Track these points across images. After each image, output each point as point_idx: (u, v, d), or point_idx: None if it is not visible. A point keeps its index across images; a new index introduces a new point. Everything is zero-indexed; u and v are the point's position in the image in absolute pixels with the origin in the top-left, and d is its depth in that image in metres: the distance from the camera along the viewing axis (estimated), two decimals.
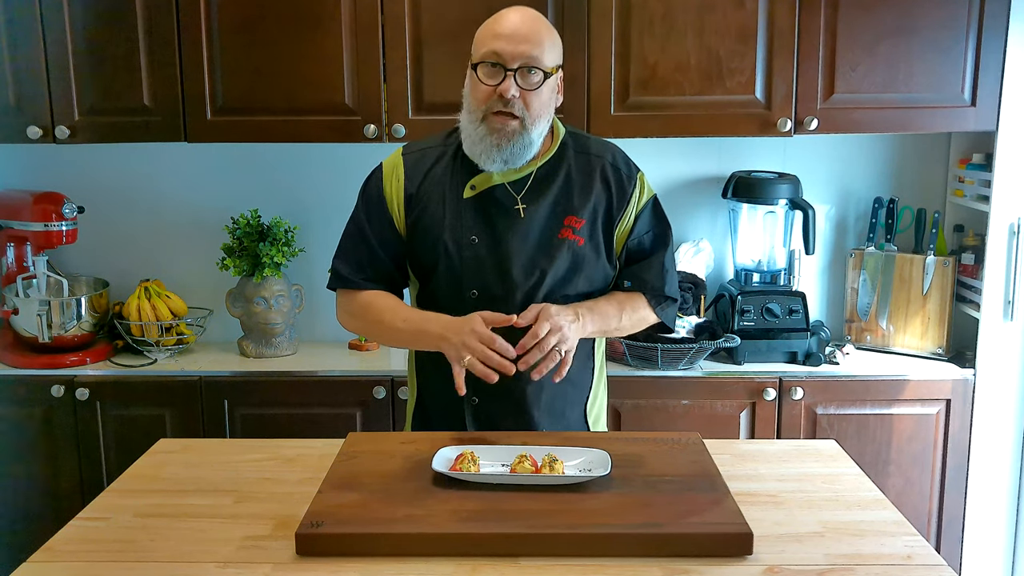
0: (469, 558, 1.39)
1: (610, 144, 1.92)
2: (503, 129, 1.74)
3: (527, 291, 1.81)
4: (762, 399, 2.62)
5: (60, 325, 2.70)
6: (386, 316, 1.85)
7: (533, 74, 1.73)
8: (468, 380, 1.79)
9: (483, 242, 1.81)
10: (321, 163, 2.92)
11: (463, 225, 1.82)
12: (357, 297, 1.90)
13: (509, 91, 1.71)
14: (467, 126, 1.79)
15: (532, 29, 1.74)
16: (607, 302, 1.86)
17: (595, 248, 1.84)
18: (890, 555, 1.43)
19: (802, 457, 1.83)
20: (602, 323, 1.83)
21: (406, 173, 1.86)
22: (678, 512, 1.47)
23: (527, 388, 1.84)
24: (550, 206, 1.82)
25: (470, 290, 1.81)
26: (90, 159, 2.93)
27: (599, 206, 1.84)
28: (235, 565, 1.40)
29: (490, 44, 1.73)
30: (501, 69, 1.72)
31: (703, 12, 2.56)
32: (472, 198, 1.82)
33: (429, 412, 1.95)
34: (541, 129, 1.78)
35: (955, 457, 2.67)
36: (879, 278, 2.85)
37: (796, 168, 2.91)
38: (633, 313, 1.88)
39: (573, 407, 1.93)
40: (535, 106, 1.75)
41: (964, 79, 2.58)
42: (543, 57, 1.74)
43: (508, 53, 1.71)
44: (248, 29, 2.59)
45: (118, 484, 1.71)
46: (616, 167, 1.87)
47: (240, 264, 2.78)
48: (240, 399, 2.66)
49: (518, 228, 1.81)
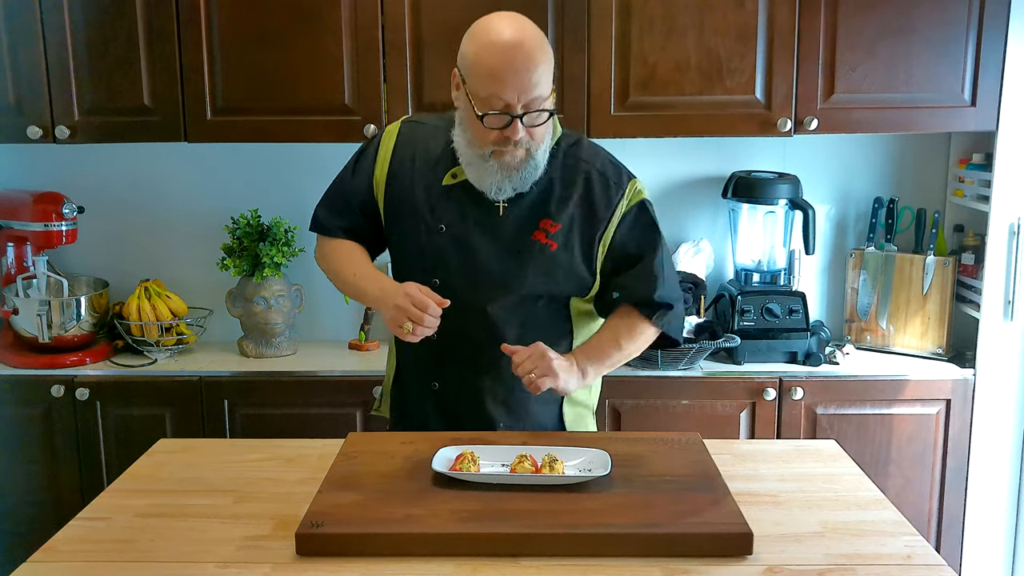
0: (469, 558, 1.39)
1: (602, 151, 1.88)
2: (512, 161, 1.72)
3: (488, 288, 1.81)
4: (762, 399, 2.62)
5: (60, 325, 2.70)
6: (343, 266, 1.90)
7: (538, 114, 1.69)
8: (431, 366, 1.86)
9: (450, 232, 1.81)
10: (321, 163, 2.90)
11: (435, 211, 1.82)
12: (330, 243, 1.95)
13: (517, 135, 1.68)
14: (470, 156, 1.75)
15: (530, 64, 1.65)
16: (601, 339, 1.85)
17: (569, 253, 1.81)
18: (890, 555, 1.43)
19: (802, 457, 1.83)
20: (604, 362, 1.84)
21: (398, 142, 1.87)
22: (678, 512, 1.47)
23: (484, 383, 1.85)
24: (528, 206, 1.81)
25: (433, 278, 1.81)
26: (90, 159, 2.93)
27: (577, 212, 1.81)
28: (235, 565, 1.40)
29: (491, 89, 1.65)
30: (506, 115, 1.67)
31: (703, 12, 2.56)
32: (450, 186, 1.81)
33: (403, 392, 1.97)
34: (545, 149, 1.77)
35: (955, 457, 2.67)
36: (879, 278, 2.85)
37: (796, 168, 2.91)
38: (631, 337, 1.85)
39: (543, 406, 1.90)
40: (539, 135, 1.73)
41: (964, 79, 2.58)
42: (545, 90, 1.68)
43: (513, 98, 1.65)
44: (248, 29, 2.59)
45: (118, 484, 1.71)
46: (603, 174, 1.83)
47: (240, 264, 2.78)
48: (240, 399, 2.66)
49: (490, 224, 1.80)
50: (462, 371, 1.86)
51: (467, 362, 1.85)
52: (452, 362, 1.86)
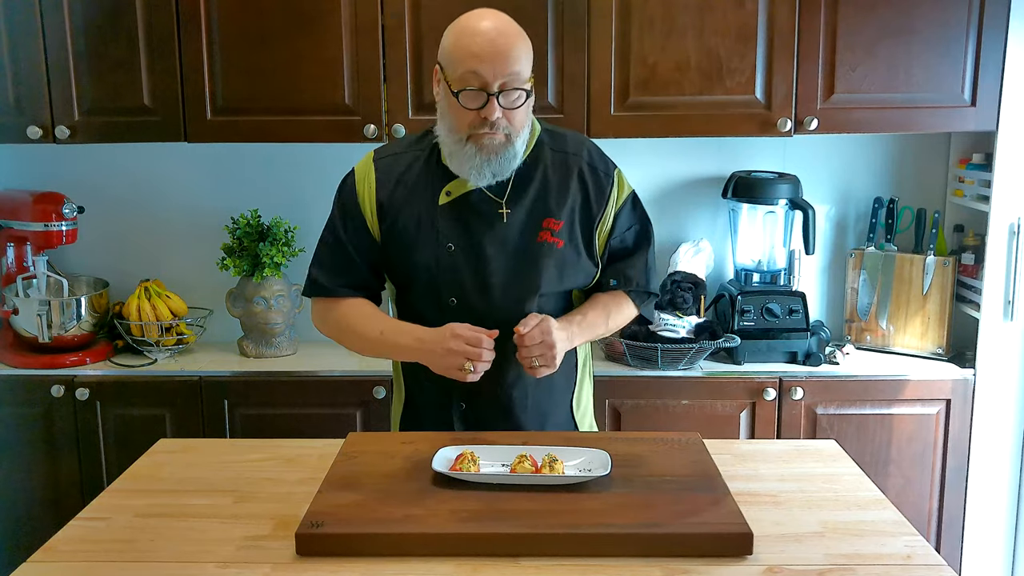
0: (469, 558, 1.39)
1: (586, 140, 1.91)
2: (491, 144, 1.72)
3: (508, 298, 1.81)
4: (762, 399, 2.62)
5: (60, 325, 2.70)
6: (363, 327, 1.86)
7: (515, 93, 1.70)
8: (456, 385, 1.81)
9: (460, 249, 1.80)
10: (321, 163, 2.92)
11: (439, 233, 1.80)
12: (333, 305, 1.90)
13: (494, 115, 1.69)
14: (450, 145, 1.76)
15: (508, 44, 1.68)
16: (594, 310, 1.88)
17: (575, 248, 1.83)
18: (890, 555, 1.43)
19: (802, 457, 1.83)
20: (590, 333, 1.86)
21: (378, 179, 1.85)
22: (678, 512, 1.47)
23: (514, 393, 1.86)
24: (528, 209, 1.81)
25: (448, 298, 1.81)
26: (90, 159, 2.93)
27: (576, 206, 1.83)
28: (235, 565, 1.40)
29: (468, 65, 1.68)
30: (482, 93, 1.69)
31: (703, 12, 2.56)
32: (447, 204, 1.81)
33: (419, 416, 1.95)
34: (524, 138, 1.78)
35: (955, 457, 2.67)
36: (879, 278, 2.84)
37: (796, 168, 2.91)
38: (618, 315, 1.91)
39: (558, 407, 1.93)
40: (517, 121, 1.73)
41: (964, 79, 2.58)
42: (522, 72, 1.70)
43: (489, 75, 1.67)
44: (248, 29, 2.59)
45: (118, 484, 1.71)
46: (593, 166, 1.85)
47: (240, 264, 2.78)
48: (240, 399, 2.66)
49: (496, 234, 1.80)
50: (489, 385, 1.82)
51: (493, 375, 1.81)
52: (479, 379, 1.82)
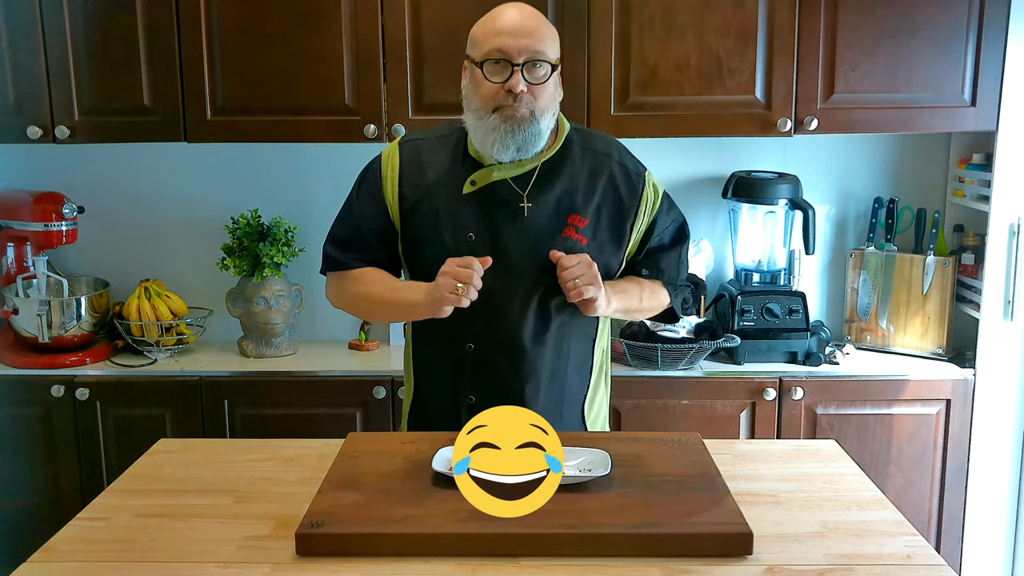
0: (469, 558, 1.39)
1: (615, 141, 1.92)
2: (515, 115, 1.72)
3: (525, 290, 1.80)
4: (762, 399, 2.62)
5: (60, 325, 2.70)
6: (375, 289, 1.87)
7: (539, 67, 1.73)
8: (465, 378, 1.82)
9: (480, 240, 1.80)
10: (321, 163, 2.92)
11: (460, 222, 1.80)
12: (345, 275, 1.91)
13: (518, 86, 1.71)
14: (474, 123, 1.77)
15: (533, 24, 1.74)
16: (630, 286, 1.89)
17: (599, 248, 1.83)
18: (890, 555, 1.43)
19: (802, 457, 1.83)
20: (626, 301, 1.86)
21: (402, 163, 1.85)
22: (678, 512, 1.47)
23: (525, 388, 1.84)
24: (554, 204, 1.81)
25: None
26: (90, 159, 2.93)
27: (604, 205, 1.84)
28: (235, 565, 1.40)
29: (493, 41, 1.72)
30: (507, 65, 1.71)
31: (703, 12, 2.56)
32: (471, 194, 1.80)
33: (427, 411, 1.95)
34: (548, 121, 1.78)
35: (955, 457, 2.67)
36: (879, 278, 2.85)
37: (796, 168, 2.91)
38: (652, 296, 1.92)
39: (570, 407, 1.92)
40: (543, 99, 1.75)
41: (964, 79, 2.58)
42: (547, 50, 1.74)
43: (513, 48, 1.71)
44: (248, 29, 2.59)
45: (118, 484, 1.71)
46: (624, 166, 1.87)
47: (240, 264, 2.78)
48: (240, 399, 2.66)
49: (518, 226, 1.80)
50: (501, 378, 1.82)
51: (506, 369, 1.82)
52: (491, 371, 1.84)
